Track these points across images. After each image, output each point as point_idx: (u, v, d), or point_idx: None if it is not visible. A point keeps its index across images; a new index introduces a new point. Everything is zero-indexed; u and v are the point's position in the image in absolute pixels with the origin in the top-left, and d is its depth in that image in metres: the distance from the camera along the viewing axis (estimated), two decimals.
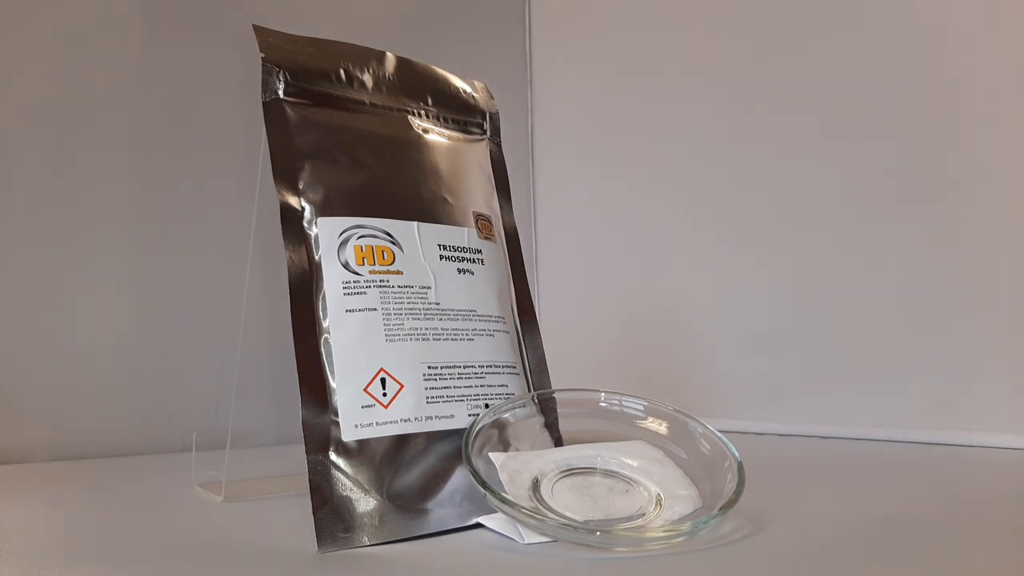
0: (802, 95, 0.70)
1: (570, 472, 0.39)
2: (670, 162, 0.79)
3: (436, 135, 0.46)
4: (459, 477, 0.38)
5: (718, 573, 0.31)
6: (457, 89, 0.48)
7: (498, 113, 0.50)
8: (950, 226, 0.63)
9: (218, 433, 0.51)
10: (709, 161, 0.76)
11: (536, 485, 0.37)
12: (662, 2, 0.80)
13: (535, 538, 0.35)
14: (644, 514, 0.36)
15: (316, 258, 0.39)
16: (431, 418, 0.39)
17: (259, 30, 0.42)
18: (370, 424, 0.37)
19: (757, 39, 0.73)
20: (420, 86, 0.46)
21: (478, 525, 0.37)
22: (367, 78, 0.44)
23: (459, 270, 0.43)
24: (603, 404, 0.43)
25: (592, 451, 0.40)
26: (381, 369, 0.38)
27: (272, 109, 0.41)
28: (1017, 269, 0.60)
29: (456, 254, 0.43)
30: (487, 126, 0.50)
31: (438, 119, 0.47)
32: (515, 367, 0.44)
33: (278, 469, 0.52)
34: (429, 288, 0.41)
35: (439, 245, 0.43)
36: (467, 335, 0.42)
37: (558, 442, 0.43)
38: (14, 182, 0.61)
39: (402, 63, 0.46)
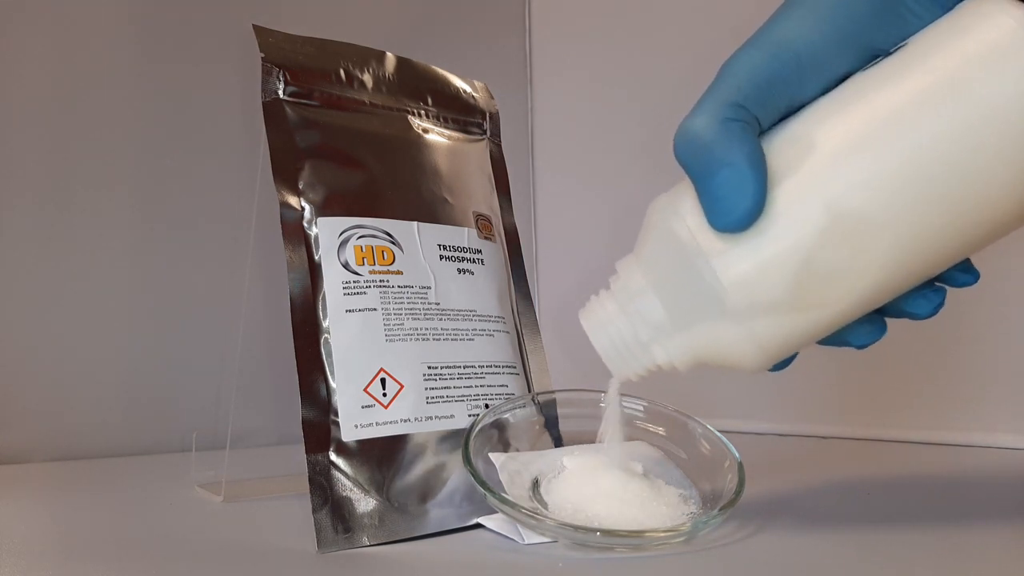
0: None
1: None
2: (672, 162, 0.79)
3: (436, 135, 0.46)
4: (459, 477, 0.38)
5: (718, 573, 0.31)
6: (457, 89, 0.48)
7: (498, 113, 0.50)
8: None
9: (218, 433, 0.51)
10: None
11: (536, 485, 0.37)
12: (663, 1, 0.80)
13: (535, 538, 0.35)
14: None
15: (316, 258, 0.39)
16: (431, 418, 0.39)
17: (259, 30, 0.42)
18: (370, 424, 0.37)
19: None
20: (420, 86, 0.46)
21: (478, 525, 0.37)
22: (367, 78, 0.44)
23: (459, 270, 0.43)
24: (603, 405, 0.43)
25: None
26: (381, 369, 0.38)
27: (272, 109, 0.41)
28: (1017, 268, 0.60)
29: (456, 254, 0.43)
30: (487, 126, 0.50)
31: (438, 119, 0.47)
32: (515, 367, 0.44)
33: (278, 469, 0.52)
34: (429, 288, 0.41)
35: (439, 245, 0.43)
36: (467, 335, 0.42)
37: (558, 442, 0.43)
38: (14, 182, 0.61)
39: (402, 63, 0.46)
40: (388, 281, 0.40)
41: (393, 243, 0.41)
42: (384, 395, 0.38)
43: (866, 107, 0.30)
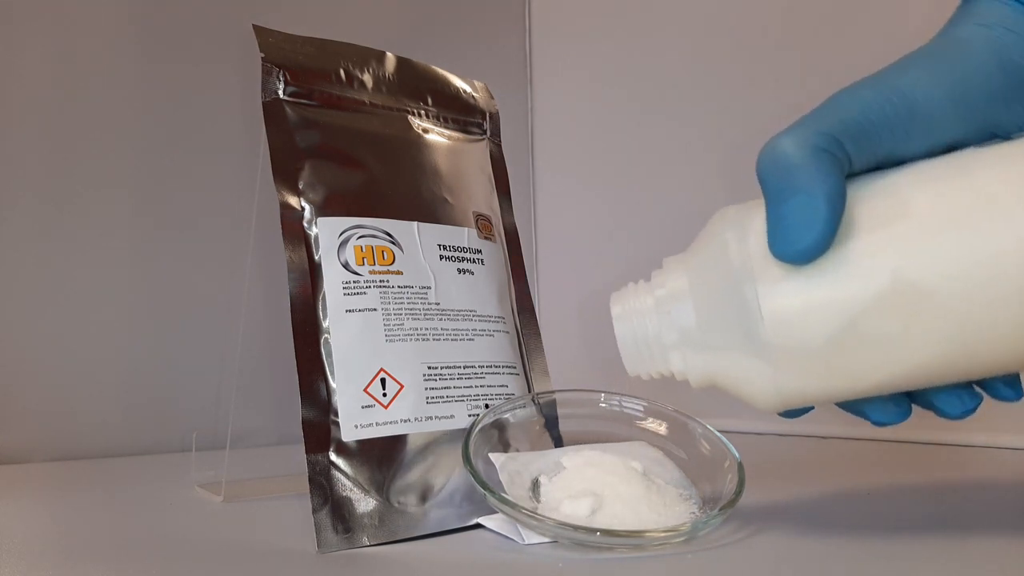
0: (808, 95, 0.70)
1: None
2: (671, 162, 0.79)
3: (436, 135, 0.46)
4: (459, 477, 0.38)
5: (718, 573, 0.31)
6: (457, 89, 0.48)
7: (498, 113, 0.50)
8: None
9: (218, 433, 0.51)
10: (711, 161, 0.76)
11: (536, 486, 0.37)
12: (663, 1, 0.80)
13: (535, 538, 0.35)
14: None
15: (316, 258, 0.39)
16: (431, 418, 0.39)
17: (259, 30, 0.42)
18: (370, 424, 0.37)
19: (761, 39, 0.73)
20: (420, 86, 0.46)
21: (478, 525, 0.37)
22: (367, 78, 0.44)
23: (459, 270, 0.43)
24: (603, 404, 0.43)
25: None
26: (381, 369, 0.38)
27: (272, 109, 0.41)
28: None
29: (456, 254, 0.43)
30: (487, 126, 0.50)
31: (438, 119, 0.47)
32: (515, 367, 0.44)
33: (278, 469, 0.52)
34: (429, 288, 0.41)
35: (439, 245, 0.43)
36: (467, 335, 0.42)
37: (558, 442, 0.43)
38: (14, 182, 0.61)
39: (402, 63, 0.46)
40: (388, 281, 0.40)
41: (393, 243, 0.41)
42: (384, 395, 0.38)
43: (969, 187, 0.28)
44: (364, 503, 0.36)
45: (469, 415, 0.40)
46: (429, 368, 0.40)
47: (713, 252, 0.32)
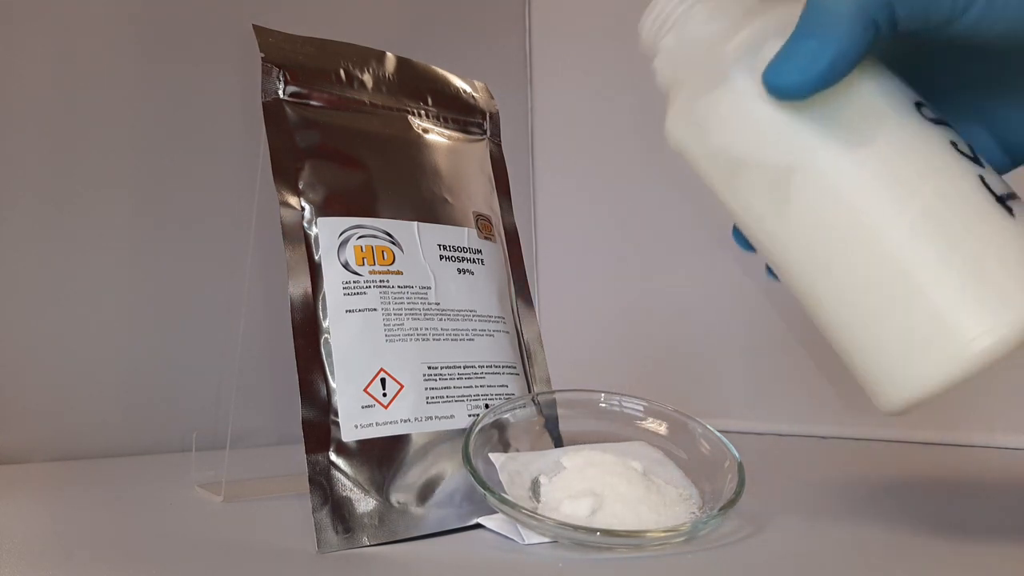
0: None
1: None
2: (671, 162, 0.79)
3: (436, 135, 0.46)
4: (459, 478, 0.38)
5: (718, 573, 0.31)
6: (457, 89, 0.48)
7: (498, 113, 0.50)
8: None
9: (218, 433, 0.51)
10: None
11: (536, 485, 0.37)
12: None
13: (535, 538, 0.35)
14: None
15: (316, 258, 0.39)
16: (431, 418, 0.39)
17: (259, 30, 0.42)
18: (370, 424, 0.37)
19: None
20: (420, 86, 0.46)
21: (478, 525, 0.37)
22: (367, 78, 0.44)
23: (459, 270, 0.43)
24: (603, 405, 0.43)
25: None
26: (381, 369, 0.38)
27: (272, 109, 0.41)
28: None
29: (456, 254, 0.43)
30: (487, 126, 0.50)
31: (438, 119, 0.47)
32: (515, 367, 0.44)
33: (278, 469, 0.52)
34: (429, 288, 0.41)
35: (439, 245, 0.43)
36: (467, 335, 0.42)
37: (558, 443, 0.43)
38: (14, 182, 0.61)
39: (402, 63, 0.46)
40: (388, 281, 0.40)
41: (393, 243, 0.41)
42: (384, 395, 0.38)
43: (924, 160, 0.30)
44: (364, 503, 0.36)
45: (469, 415, 0.40)
46: (429, 368, 0.40)
47: (754, 24, 0.33)
